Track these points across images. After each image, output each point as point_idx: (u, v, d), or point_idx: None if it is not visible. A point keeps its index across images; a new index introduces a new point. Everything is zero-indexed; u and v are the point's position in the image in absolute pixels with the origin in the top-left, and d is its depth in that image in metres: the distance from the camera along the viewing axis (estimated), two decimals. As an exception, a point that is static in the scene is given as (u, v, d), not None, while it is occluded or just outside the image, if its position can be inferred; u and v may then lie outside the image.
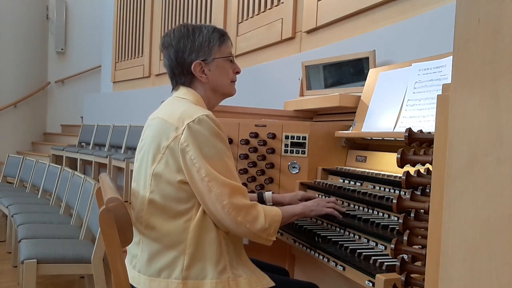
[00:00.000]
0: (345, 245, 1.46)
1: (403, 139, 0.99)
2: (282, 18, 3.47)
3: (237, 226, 1.37)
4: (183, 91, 1.55)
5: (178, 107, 1.45)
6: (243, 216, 1.37)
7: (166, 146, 1.39)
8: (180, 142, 1.36)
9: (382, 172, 1.75)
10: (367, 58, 2.25)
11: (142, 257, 1.43)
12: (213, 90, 1.57)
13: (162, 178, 1.40)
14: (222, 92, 1.60)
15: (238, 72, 1.62)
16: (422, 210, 1.01)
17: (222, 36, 1.57)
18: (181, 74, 1.55)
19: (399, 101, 1.84)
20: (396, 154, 0.98)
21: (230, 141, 2.10)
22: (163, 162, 1.39)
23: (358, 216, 1.60)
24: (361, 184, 1.84)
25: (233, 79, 1.61)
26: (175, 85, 1.59)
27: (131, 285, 1.43)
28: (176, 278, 1.36)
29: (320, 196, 1.88)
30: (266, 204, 1.82)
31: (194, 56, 1.52)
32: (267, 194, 1.83)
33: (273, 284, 1.46)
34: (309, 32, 3.20)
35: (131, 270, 1.45)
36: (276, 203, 1.85)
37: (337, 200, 1.75)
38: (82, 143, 6.81)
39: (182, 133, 1.36)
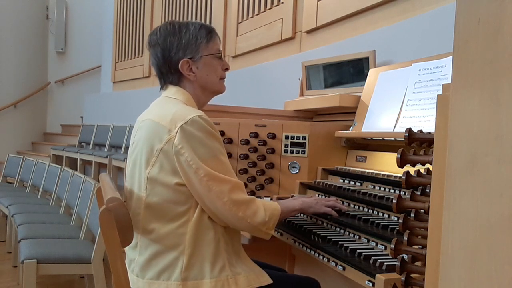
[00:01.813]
0: (345, 245, 1.46)
1: (403, 139, 0.99)
2: (282, 18, 3.47)
3: (238, 221, 1.38)
4: (172, 90, 1.53)
5: (169, 108, 1.43)
6: (243, 210, 1.38)
7: (159, 149, 1.37)
8: (174, 145, 1.35)
9: (382, 172, 1.75)
10: (367, 58, 2.25)
11: (140, 261, 1.42)
12: (202, 88, 1.55)
13: (157, 181, 1.38)
14: (212, 89, 1.58)
15: (227, 69, 1.60)
16: (422, 210, 1.01)
17: (209, 32, 1.55)
18: (168, 72, 1.53)
19: (399, 101, 1.84)
20: (396, 154, 0.98)
21: (230, 141, 2.10)
22: (158, 165, 1.38)
23: (358, 216, 1.60)
24: (361, 184, 1.84)
25: (222, 76, 1.59)
26: (163, 84, 1.56)
27: None
28: (175, 280, 1.36)
29: (320, 196, 1.88)
30: None
31: (181, 54, 1.50)
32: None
33: (271, 281, 1.46)
34: (309, 32, 3.20)
35: (130, 274, 1.43)
36: None
37: (337, 199, 1.74)
38: (82, 143, 6.81)
39: (176, 135, 1.35)
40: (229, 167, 1.41)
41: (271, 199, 1.85)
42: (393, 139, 1.77)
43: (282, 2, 3.47)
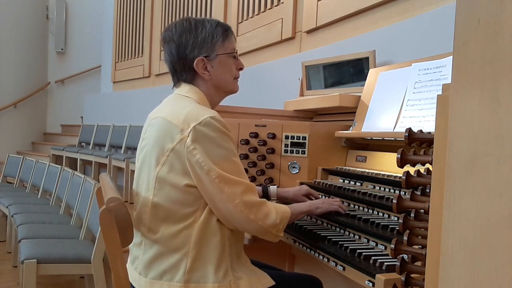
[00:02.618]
0: (345, 245, 1.46)
1: (403, 139, 0.99)
2: (282, 18, 3.47)
3: (249, 224, 1.37)
4: (185, 88, 1.50)
5: (182, 107, 1.41)
6: (254, 213, 1.36)
7: (171, 149, 1.35)
8: (186, 145, 1.33)
9: (382, 172, 1.75)
10: (367, 58, 2.25)
11: (144, 259, 1.41)
12: (215, 87, 1.53)
13: (166, 181, 1.37)
14: (225, 89, 1.56)
15: (241, 69, 1.58)
16: (422, 210, 1.01)
17: (225, 31, 1.52)
18: (182, 70, 1.50)
19: (399, 101, 1.84)
20: (396, 154, 0.98)
21: (230, 141, 2.10)
22: (168, 165, 1.36)
23: (358, 216, 1.60)
24: (361, 184, 1.84)
25: (236, 76, 1.56)
26: (177, 81, 1.54)
27: (133, 286, 1.43)
28: (178, 281, 1.35)
29: (320, 196, 1.88)
30: (270, 198, 1.83)
31: (196, 52, 1.47)
32: (272, 188, 1.82)
33: (273, 283, 1.45)
34: (309, 32, 3.20)
35: (133, 271, 1.43)
36: (280, 198, 1.84)
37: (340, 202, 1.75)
38: (82, 143, 6.81)
39: (188, 136, 1.33)
40: (241, 168, 1.40)
41: (278, 186, 1.85)
42: (393, 139, 1.77)
43: (282, 2, 3.47)
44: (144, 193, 1.43)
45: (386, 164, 1.79)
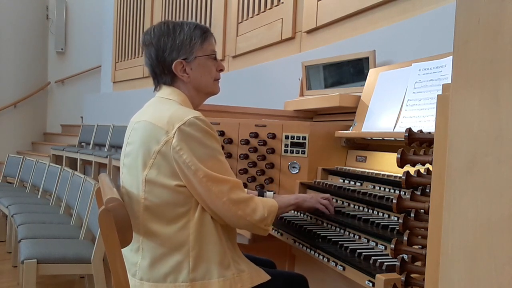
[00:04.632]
0: (345, 245, 1.46)
1: (403, 139, 0.99)
2: (282, 18, 3.46)
3: (238, 220, 1.39)
4: (167, 91, 1.52)
5: (165, 110, 1.42)
6: (242, 209, 1.39)
7: (157, 151, 1.36)
8: (172, 146, 1.34)
9: (382, 172, 1.75)
10: (367, 58, 2.25)
11: (143, 264, 1.41)
12: (196, 89, 1.54)
13: (156, 183, 1.38)
14: (205, 91, 1.57)
15: (221, 70, 1.59)
16: (422, 210, 1.01)
17: (204, 33, 1.53)
18: (162, 73, 1.52)
19: (399, 101, 1.84)
20: (396, 154, 0.98)
21: (230, 141, 2.10)
22: (155, 168, 1.37)
23: (358, 216, 1.60)
24: (361, 184, 1.84)
25: (216, 77, 1.58)
26: (157, 84, 1.55)
27: None
28: (183, 281, 1.36)
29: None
30: None
31: (175, 54, 1.49)
32: (268, 194, 1.83)
33: (269, 277, 1.48)
34: (309, 32, 3.20)
35: (131, 279, 1.42)
36: None
37: (333, 198, 1.75)
38: (82, 143, 6.80)
39: (174, 137, 1.35)
40: (227, 166, 1.42)
41: (274, 193, 1.86)
42: (393, 139, 1.77)
43: (282, 2, 3.47)
44: (135, 197, 1.42)
45: (386, 164, 1.79)
